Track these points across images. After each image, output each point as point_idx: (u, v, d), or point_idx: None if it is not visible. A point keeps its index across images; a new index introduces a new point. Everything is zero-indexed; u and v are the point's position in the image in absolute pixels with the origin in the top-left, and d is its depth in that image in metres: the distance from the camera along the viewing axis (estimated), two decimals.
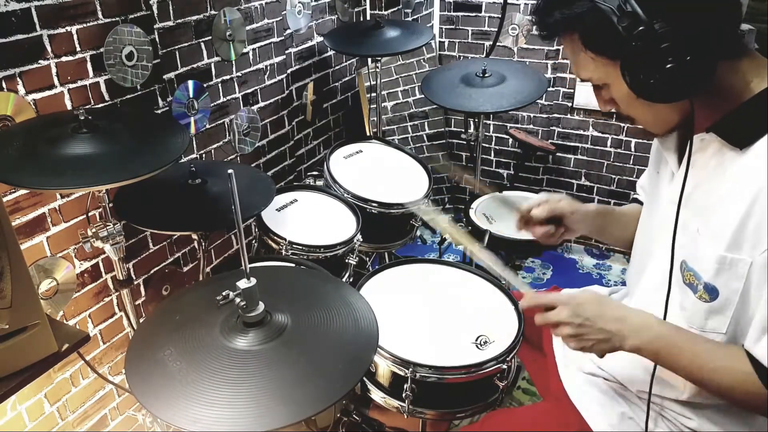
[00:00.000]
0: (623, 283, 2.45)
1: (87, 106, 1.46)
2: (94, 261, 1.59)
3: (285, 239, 1.62)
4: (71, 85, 1.43)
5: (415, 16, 2.99)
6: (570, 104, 2.87)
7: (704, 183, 0.91)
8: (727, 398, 0.93)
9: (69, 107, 1.43)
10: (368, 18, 2.71)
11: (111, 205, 1.38)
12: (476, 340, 1.27)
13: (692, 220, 0.92)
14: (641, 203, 1.21)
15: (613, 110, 0.98)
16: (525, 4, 2.83)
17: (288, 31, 2.21)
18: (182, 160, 1.74)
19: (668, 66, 0.78)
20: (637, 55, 0.81)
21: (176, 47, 1.71)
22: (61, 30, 1.38)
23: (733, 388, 0.89)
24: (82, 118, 1.20)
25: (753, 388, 0.86)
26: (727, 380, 0.89)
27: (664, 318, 0.94)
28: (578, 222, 1.21)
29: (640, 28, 0.79)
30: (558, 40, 0.94)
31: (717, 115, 0.88)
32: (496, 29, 2.92)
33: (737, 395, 0.89)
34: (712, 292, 0.89)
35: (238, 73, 1.97)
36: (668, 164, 1.02)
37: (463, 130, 2.71)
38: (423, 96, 2.26)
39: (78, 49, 1.42)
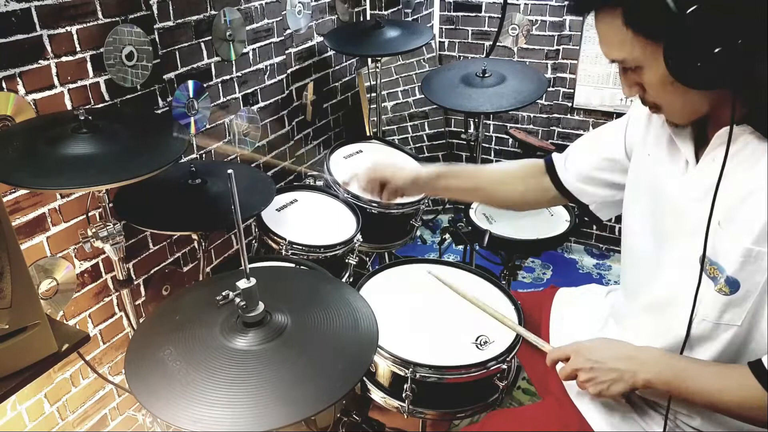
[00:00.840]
0: None
1: (87, 106, 1.46)
2: (94, 261, 1.59)
3: (285, 239, 1.62)
4: (71, 85, 1.43)
5: (415, 16, 2.99)
6: (570, 104, 2.87)
7: (729, 176, 0.87)
8: (738, 417, 0.94)
9: (69, 107, 1.43)
10: (368, 18, 2.71)
11: (111, 205, 1.38)
12: (476, 340, 1.27)
13: (715, 213, 0.89)
14: (548, 163, 1.27)
15: (636, 96, 0.94)
16: (525, 4, 2.83)
17: (288, 31, 2.22)
18: (182, 160, 1.74)
19: (716, 50, 0.75)
20: (683, 37, 0.77)
21: (176, 47, 1.71)
22: (61, 30, 1.38)
23: (742, 405, 0.89)
24: (82, 118, 1.20)
25: (760, 402, 0.86)
26: (736, 398, 0.90)
27: (691, 315, 0.94)
28: (405, 184, 1.28)
29: (693, 7, 0.75)
30: (594, 13, 0.87)
31: (745, 107, 0.85)
32: (496, 29, 2.92)
33: (746, 412, 0.90)
34: (733, 285, 0.89)
35: (238, 73, 1.97)
36: (677, 154, 0.99)
37: (463, 130, 2.71)
38: (423, 96, 2.26)
39: (78, 49, 1.42)
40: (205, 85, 1.84)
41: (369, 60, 2.70)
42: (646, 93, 0.91)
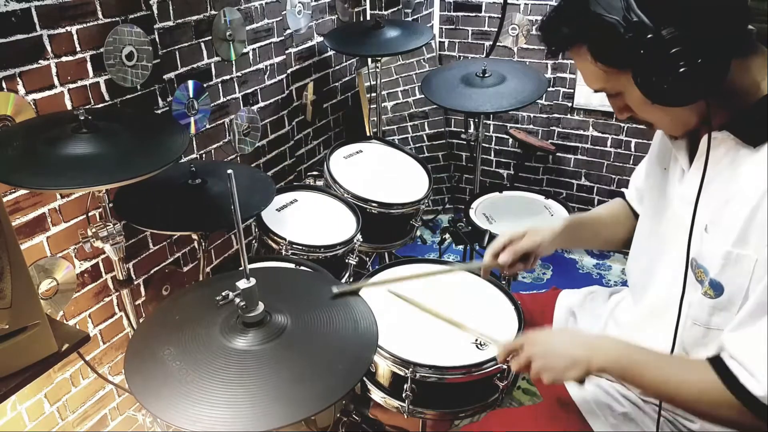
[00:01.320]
0: (623, 283, 2.43)
1: (87, 106, 1.46)
2: (94, 261, 1.59)
3: (285, 239, 1.62)
4: (71, 85, 1.43)
5: (415, 16, 2.99)
6: (570, 104, 2.87)
7: (715, 181, 0.91)
8: (696, 412, 0.94)
9: (69, 107, 1.43)
10: (368, 18, 2.71)
11: (111, 205, 1.38)
12: (476, 340, 1.27)
13: (702, 217, 0.92)
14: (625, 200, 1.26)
15: (629, 116, 0.97)
16: (525, 4, 2.83)
17: (288, 31, 2.22)
18: (182, 160, 1.74)
19: (680, 70, 0.78)
20: (647, 62, 0.80)
21: (176, 47, 1.71)
22: (61, 30, 1.38)
23: (700, 400, 0.89)
24: (82, 118, 1.20)
25: (719, 398, 0.86)
26: (694, 392, 0.89)
27: (678, 317, 0.94)
28: (545, 248, 1.21)
29: (648, 35, 0.78)
30: (565, 54, 0.93)
31: (728, 114, 0.88)
32: (496, 29, 2.92)
33: (704, 407, 0.90)
34: (717, 288, 0.89)
35: (238, 73, 1.97)
36: (678, 162, 1.02)
37: (463, 130, 2.71)
38: (423, 96, 2.26)
39: (78, 49, 1.42)
40: (205, 85, 1.84)
41: (369, 60, 2.70)
42: (636, 113, 0.95)
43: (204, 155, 1.91)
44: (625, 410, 1.10)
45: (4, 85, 1.29)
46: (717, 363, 0.88)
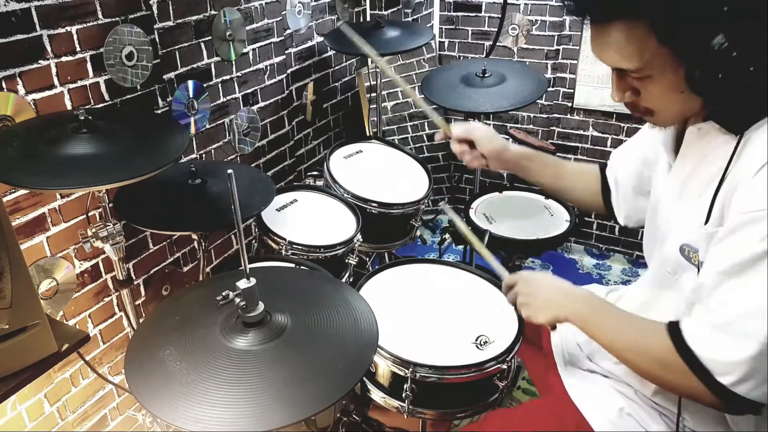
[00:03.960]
0: (624, 283, 2.44)
1: (87, 106, 1.46)
2: (94, 261, 1.59)
3: (285, 239, 1.62)
4: (71, 85, 1.43)
5: (415, 16, 2.99)
6: (570, 104, 2.87)
7: (700, 170, 0.93)
8: (648, 375, 0.96)
9: (69, 107, 1.43)
10: (368, 18, 2.71)
11: (111, 205, 1.38)
12: (476, 340, 1.27)
13: (689, 205, 0.94)
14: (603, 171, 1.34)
15: (629, 101, 0.94)
16: (525, 4, 2.83)
17: (288, 31, 2.22)
18: (182, 160, 1.74)
19: (751, 68, 0.78)
20: (714, 54, 0.79)
21: (176, 47, 1.71)
22: (61, 30, 1.38)
23: (656, 362, 0.91)
24: (82, 118, 1.20)
25: (671, 364, 0.88)
26: (650, 354, 0.92)
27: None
28: (494, 154, 1.31)
29: (722, 35, 0.78)
30: (601, 22, 0.86)
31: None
32: (496, 29, 2.92)
33: (657, 371, 0.92)
34: None
35: (238, 73, 1.97)
36: (664, 157, 1.05)
37: None
38: (423, 96, 2.26)
39: (78, 49, 1.42)
40: (205, 85, 1.84)
41: (369, 60, 2.70)
42: (641, 98, 0.92)
43: (204, 155, 1.91)
44: (622, 406, 1.10)
45: (4, 85, 1.29)
46: (673, 329, 0.90)
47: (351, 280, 1.73)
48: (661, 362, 0.90)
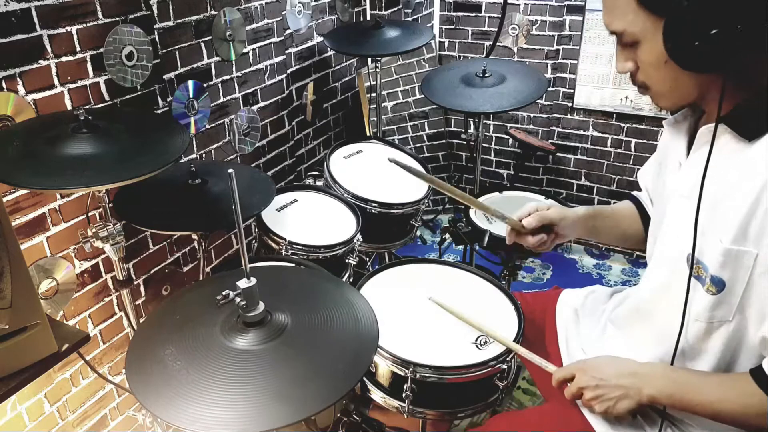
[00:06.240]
0: (624, 283, 2.44)
1: (87, 106, 1.46)
2: (94, 261, 1.59)
3: (285, 239, 1.62)
4: (71, 85, 1.43)
5: (415, 16, 2.99)
6: (570, 104, 2.88)
7: (712, 174, 0.90)
8: (741, 425, 0.94)
9: (69, 107, 1.43)
10: (368, 18, 2.71)
11: (111, 205, 1.38)
12: (476, 340, 1.27)
13: (703, 214, 0.91)
14: (634, 200, 1.26)
15: (627, 72, 0.95)
16: (525, 4, 2.83)
17: (288, 31, 2.22)
18: (182, 160, 1.74)
19: (714, 32, 0.77)
20: (687, 14, 0.79)
21: (176, 47, 1.71)
22: (61, 30, 1.38)
23: (745, 413, 0.90)
24: (82, 118, 1.20)
25: (761, 407, 0.87)
26: (739, 406, 0.90)
27: (684, 311, 0.94)
28: (568, 227, 1.23)
29: None
30: None
31: (730, 106, 0.87)
32: (496, 29, 2.92)
33: (750, 419, 0.90)
34: (718, 284, 0.90)
35: (238, 73, 1.97)
36: (675, 154, 1.02)
37: (463, 130, 2.71)
38: (423, 96, 2.26)
39: (78, 49, 1.42)
40: (205, 85, 1.84)
41: (369, 60, 2.70)
42: (639, 71, 0.93)
43: (204, 155, 1.91)
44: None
45: (4, 85, 1.29)
46: (758, 374, 0.88)
47: (351, 280, 1.73)
48: (754, 409, 0.89)
